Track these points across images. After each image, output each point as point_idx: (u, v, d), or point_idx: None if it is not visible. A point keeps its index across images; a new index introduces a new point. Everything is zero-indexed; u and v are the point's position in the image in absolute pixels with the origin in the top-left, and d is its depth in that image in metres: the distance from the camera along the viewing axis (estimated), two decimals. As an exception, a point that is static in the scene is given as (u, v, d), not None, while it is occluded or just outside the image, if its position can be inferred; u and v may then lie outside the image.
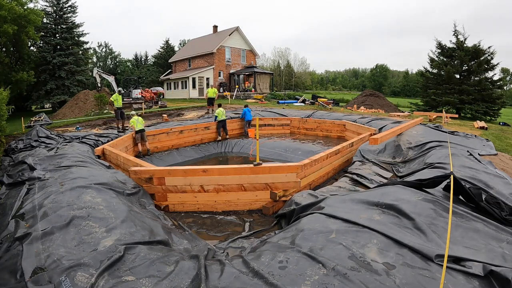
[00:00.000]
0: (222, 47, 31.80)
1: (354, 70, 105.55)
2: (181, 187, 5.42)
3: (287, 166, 5.63)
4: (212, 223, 4.97)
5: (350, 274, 2.32)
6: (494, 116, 22.39)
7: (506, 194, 4.14)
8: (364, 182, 5.96)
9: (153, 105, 22.27)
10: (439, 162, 5.59)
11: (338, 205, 3.82)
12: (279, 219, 4.87)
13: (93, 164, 6.21)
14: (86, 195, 4.05)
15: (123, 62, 65.77)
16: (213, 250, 3.49)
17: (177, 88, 32.84)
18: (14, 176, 5.59)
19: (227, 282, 2.43)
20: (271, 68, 58.37)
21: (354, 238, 2.84)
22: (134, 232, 3.26)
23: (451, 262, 2.44)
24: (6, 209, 4.13)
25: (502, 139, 9.71)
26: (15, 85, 23.29)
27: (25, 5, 23.36)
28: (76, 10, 31.49)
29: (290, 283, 2.30)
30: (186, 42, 51.26)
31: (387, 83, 78.95)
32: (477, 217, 3.23)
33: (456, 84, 23.26)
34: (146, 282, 2.44)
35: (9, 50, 25.71)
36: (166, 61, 44.00)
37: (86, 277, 2.42)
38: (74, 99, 22.37)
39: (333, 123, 12.89)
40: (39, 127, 10.49)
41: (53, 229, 3.14)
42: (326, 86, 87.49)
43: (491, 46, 22.94)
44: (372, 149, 7.81)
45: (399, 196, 3.70)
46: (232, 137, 13.06)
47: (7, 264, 2.73)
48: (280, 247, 2.94)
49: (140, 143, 9.89)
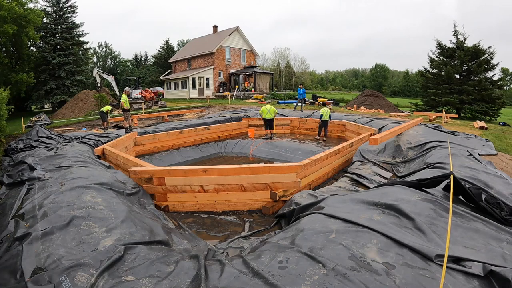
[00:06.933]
0: (222, 47, 31.80)
1: (354, 70, 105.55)
2: (181, 187, 5.42)
3: (287, 166, 5.62)
4: (212, 223, 4.97)
5: (350, 274, 2.32)
6: (494, 116, 22.38)
7: (506, 194, 4.14)
8: (364, 182, 5.96)
9: (153, 105, 22.28)
10: (439, 162, 5.59)
11: (338, 205, 3.82)
12: (279, 219, 4.87)
13: (93, 164, 6.21)
14: (86, 195, 4.05)
15: (123, 62, 65.76)
16: (213, 250, 3.49)
17: (177, 88, 32.85)
18: (14, 176, 5.59)
19: (227, 282, 2.43)
20: (271, 68, 58.32)
21: (354, 238, 2.84)
22: (134, 232, 3.26)
23: (451, 262, 2.44)
24: (6, 209, 4.13)
25: (502, 139, 9.71)
26: (14, 86, 23.27)
27: (25, 5, 23.35)
28: (76, 10, 31.56)
29: (290, 283, 2.30)
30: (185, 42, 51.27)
31: (387, 83, 78.96)
32: (477, 217, 3.23)
33: (456, 84, 23.26)
34: (146, 282, 2.44)
35: (8, 50, 25.71)
36: (166, 61, 44.02)
37: (86, 277, 2.42)
38: (74, 99, 22.40)
39: (333, 123, 12.89)
40: (39, 127, 10.49)
41: (53, 229, 3.14)
42: (326, 86, 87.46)
43: (491, 46, 22.96)
44: (372, 149, 7.81)
45: (399, 196, 3.70)
46: (232, 137, 13.08)
47: (7, 264, 2.73)
48: (280, 247, 2.94)
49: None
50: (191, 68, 34.19)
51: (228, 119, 14.33)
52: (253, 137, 12.67)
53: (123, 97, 11.89)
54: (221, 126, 13.07)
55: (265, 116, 12.17)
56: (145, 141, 10.43)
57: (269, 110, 12.11)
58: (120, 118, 13.93)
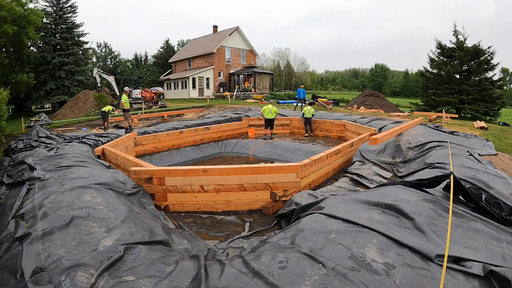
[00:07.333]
0: (222, 47, 31.81)
1: (354, 70, 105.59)
2: (181, 187, 5.42)
3: (287, 166, 5.62)
4: (212, 223, 4.97)
5: (350, 274, 2.32)
6: (494, 116, 22.39)
7: (506, 194, 4.14)
8: (364, 182, 5.96)
9: (153, 105, 22.29)
10: (439, 162, 5.59)
11: (338, 205, 3.81)
12: (279, 219, 4.86)
13: (93, 164, 6.21)
14: (86, 195, 4.05)
15: (123, 62, 65.78)
16: (213, 250, 3.49)
17: (177, 88, 32.86)
18: (14, 176, 5.59)
19: (227, 282, 2.42)
20: (271, 68, 58.33)
21: (354, 238, 2.84)
22: (134, 232, 3.26)
23: (451, 262, 2.44)
24: (6, 209, 4.13)
25: (502, 139, 9.71)
26: (14, 86, 23.27)
27: (25, 5, 23.37)
28: (76, 10, 31.58)
29: (290, 283, 2.30)
30: (185, 42, 51.26)
31: (387, 83, 78.98)
32: (477, 217, 3.23)
33: (456, 84, 23.27)
34: (146, 282, 2.44)
35: (8, 50, 25.70)
36: (166, 61, 44.02)
37: (86, 277, 2.42)
38: (74, 99, 22.40)
39: (333, 123, 12.89)
40: (39, 127, 10.49)
41: (53, 229, 3.14)
42: (326, 86, 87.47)
43: (491, 46, 22.99)
44: (372, 149, 7.81)
45: (399, 196, 3.70)
46: (232, 137, 13.08)
47: (7, 264, 2.73)
48: (280, 247, 2.94)
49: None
50: (191, 68, 34.19)
51: (228, 119, 14.33)
52: (253, 137, 12.68)
53: (123, 97, 11.90)
54: (221, 126, 13.07)
55: (266, 116, 12.17)
56: (145, 141, 10.43)
57: (271, 110, 12.11)
58: (120, 118, 13.95)
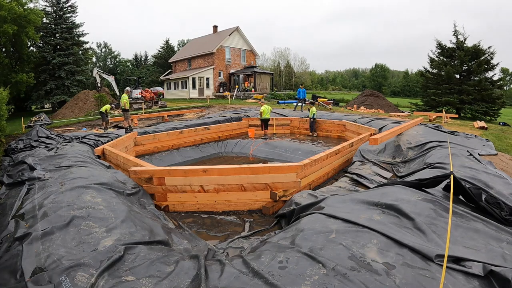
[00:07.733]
0: (222, 47, 31.81)
1: (354, 70, 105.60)
2: (181, 187, 5.42)
3: (287, 166, 5.62)
4: (212, 223, 4.97)
5: (350, 274, 2.32)
6: (494, 116, 22.40)
7: (506, 194, 4.14)
8: (364, 182, 5.96)
9: (153, 105, 22.29)
10: (439, 162, 5.59)
11: (338, 205, 3.81)
12: (279, 219, 4.86)
13: (93, 164, 6.21)
14: (86, 195, 4.05)
15: (122, 62, 65.77)
16: (213, 250, 3.48)
17: (177, 88, 32.86)
18: (14, 176, 5.59)
19: (227, 282, 2.42)
20: (271, 68, 58.32)
21: (354, 238, 2.84)
22: (134, 232, 3.26)
23: (451, 262, 2.44)
24: (6, 209, 4.13)
25: (502, 139, 9.71)
26: (14, 86, 23.27)
27: (25, 5, 23.37)
28: (76, 10, 31.60)
29: (290, 283, 2.30)
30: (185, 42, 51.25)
31: (387, 83, 78.98)
32: (477, 217, 3.23)
33: (456, 84, 23.27)
34: (146, 282, 2.44)
35: (8, 50, 25.71)
36: (166, 61, 44.03)
37: (86, 277, 2.42)
38: (74, 99, 22.40)
39: (333, 123, 12.89)
40: (39, 127, 10.49)
41: (53, 229, 3.14)
42: (326, 86, 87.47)
43: (491, 46, 23.00)
44: (372, 149, 7.81)
45: (399, 196, 3.70)
46: (232, 137, 13.08)
47: (7, 264, 2.73)
48: (280, 247, 2.94)
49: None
50: (191, 68, 34.19)
51: (228, 119, 14.33)
52: (253, 137, 12.68)
53: (123, 97, 11.90)
54: (221, 126, 13.07)
55: (264, 116, 12.20)
56: (145, 141, 10.44)
57: (269, 111, 12.13)
58: (120, 118, 13.95)
